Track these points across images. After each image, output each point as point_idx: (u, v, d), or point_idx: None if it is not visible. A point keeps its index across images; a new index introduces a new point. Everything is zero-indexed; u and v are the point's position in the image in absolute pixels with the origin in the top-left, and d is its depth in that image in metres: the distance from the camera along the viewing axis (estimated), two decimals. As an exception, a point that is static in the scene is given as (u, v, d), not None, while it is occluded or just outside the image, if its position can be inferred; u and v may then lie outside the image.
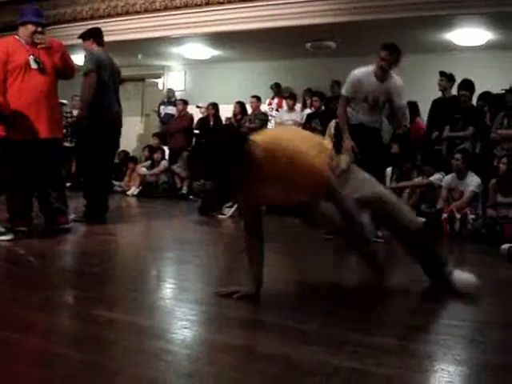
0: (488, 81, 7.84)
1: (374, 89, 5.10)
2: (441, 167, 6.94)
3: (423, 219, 6.20)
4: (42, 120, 4.63)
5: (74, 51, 10.21)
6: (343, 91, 5.28)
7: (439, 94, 7.99)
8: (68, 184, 5.76)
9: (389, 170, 7.59)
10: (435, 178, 6.83)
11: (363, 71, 5.21)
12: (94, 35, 5.94)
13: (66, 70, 4.84)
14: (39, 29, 4.69)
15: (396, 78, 5.21)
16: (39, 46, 4.63)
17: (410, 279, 3.57)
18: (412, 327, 2.40)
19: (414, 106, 8.14)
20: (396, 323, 2.45)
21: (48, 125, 4.66)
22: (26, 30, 4.68)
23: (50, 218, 4.87)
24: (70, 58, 4.96)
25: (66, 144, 7.50)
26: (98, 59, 5.64)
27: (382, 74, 5.06)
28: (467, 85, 7.37)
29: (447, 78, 7.77)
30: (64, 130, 6.31)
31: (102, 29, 6.41)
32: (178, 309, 2.64)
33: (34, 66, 4.60)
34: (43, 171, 4.75)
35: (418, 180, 7.26)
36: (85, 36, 5.97)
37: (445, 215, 6.05)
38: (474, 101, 7.62)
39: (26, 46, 4.64)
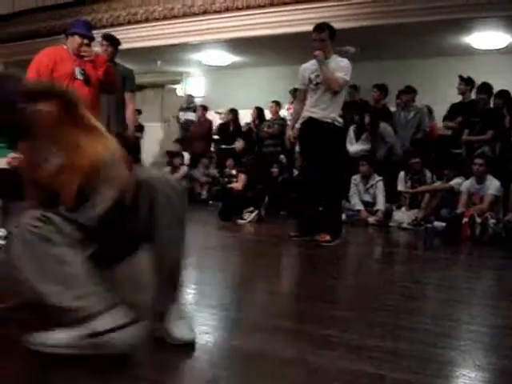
0: (508, 84, 7.78)
1: None
2: (460, 171, 6.91)
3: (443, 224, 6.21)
4: None
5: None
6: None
7: (458, 98, 7.97)
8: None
9: (402, 173, 7.58)
10: (455, 182, 6.79)
11: None
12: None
13: (107, 85, 4.90)
14: (85, 41, 4.75)
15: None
16: (85, 59, 4.70)
17: (426, 282, 3.57)
18: (431, 332, 2.39)
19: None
20: (414, 328, 2.45)
21: None
22: (73, 41, 4.73)
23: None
24: (114, 74, 5.02)
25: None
26: None
27: None
28: (486, 88, 7.35)
29: (466, 81, 7.74)
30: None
31: (122, 36, 6.49)
32: (199, 314, 2.66)
33: (79, 76, 4.65)
34: None
35: (437, 184, 7.23)
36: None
37: (465, 220, 6.01)
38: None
39: (73, 57, 4.69)
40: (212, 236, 5.95)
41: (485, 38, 8.74)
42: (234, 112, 10.33)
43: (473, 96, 7.72)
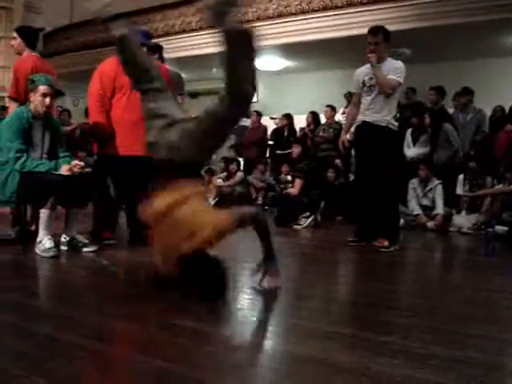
0: None
1: None
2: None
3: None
4: (141, 137, 4.78)
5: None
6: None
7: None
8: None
9: (461, 176, 7.41)
10: (517, 185, 6.61)
11: None
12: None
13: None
14: (144, 49, 4.85)
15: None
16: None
17: (490, 288, 3.48)
18: (496, 340, 2.32)
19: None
20: (479, 335, 2.38)
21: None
22: None
23: (136, 231, 5.01)
24: (173, 83, 5.14)
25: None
26: None
27: None
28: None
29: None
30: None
31: (177, 44, 6.59)
32: (256, 319, 2.66)
33: None
34: (136, 186, 4.91)
35: (499, 187, 7.05)
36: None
37: (528, 224, 5.84)
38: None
39: None
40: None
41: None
42: (288, 117, 10.32)
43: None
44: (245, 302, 3.06)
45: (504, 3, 7.86)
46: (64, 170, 4.31)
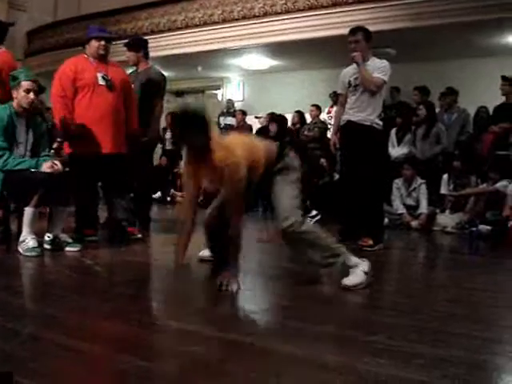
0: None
1: None
2: (507, 173, 6.75)
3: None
4: (108, 135, 4.79)
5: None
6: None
7: (498, 98, 7.82)
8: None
9: (445, 176, 7.45)
10: (501, 184, 6.65)
11: None
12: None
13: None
14: (102, 42, 4.85)
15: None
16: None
17: (473, 287, 3.50)
18: (479, 338, 2.34)
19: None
20: (462, 334, 2.40)
21: (113, 140, 4.82)
22: (91, 47, 4.87)
23: (116, 229, 5.02)
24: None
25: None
26: None
27: None
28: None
29: (510, 82, 7.57)
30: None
31: (163, 43, 6.56)
32: (242, 318, 2.66)
33: (101, 82, 4.78)
34: (109, 184, 4.94)
35: (483, 187, 7.09)
36: None
37: (511, 223, 5.88)
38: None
39: (94, 64, 4.83)
40: (253, 245, 5.92)
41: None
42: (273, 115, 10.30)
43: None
44: (230, 301, 3.05)
45: (486, 4, 7.92)
46: (45, 167, 4.28)
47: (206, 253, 4.00)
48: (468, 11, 8.04)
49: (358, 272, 3.36)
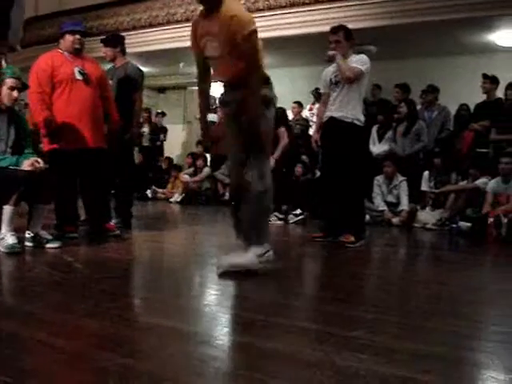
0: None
1: None
2: (487, 171, 6.82)
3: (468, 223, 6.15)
4: (87, 130, 4.75)
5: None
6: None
7: (479, 96, 7.89)
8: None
9: (426, 173, 7.51)
10: (481, 181, 6.71)
11: None
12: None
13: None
14: (77, 36, 4.81)
15: None
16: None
17: (453, 283, 3.54)
18: (459, 334, 2.36)
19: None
20: (442, 330, 2.42)
21: (93, 135, 4.79)
22: (65, 42, 4.82)
23: (96, 225, 4.99)
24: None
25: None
26: None
27: None
28: (512, 86, 7.24)
29: (491, 80, 7.64)
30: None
31: (144, 39, 6.52)
32: (222, 315, 2.66)
33: (78, 77, 4.74)
34: (88, 180, 4.90)
35: (463, 184, 7.16)
36: None
37: (491, 220, 5.94)
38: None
39: (70, 59, 4.78)
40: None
41: (509, 35, 8.63)
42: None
43: (498, 95, 7.62)
44: (211, 298, 3.05)
45: (466, 2, 7.98)
46: (26, 165, 4.24)
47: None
48: (449, 9, 8.09)
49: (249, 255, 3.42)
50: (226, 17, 3.17)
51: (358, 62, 5.04)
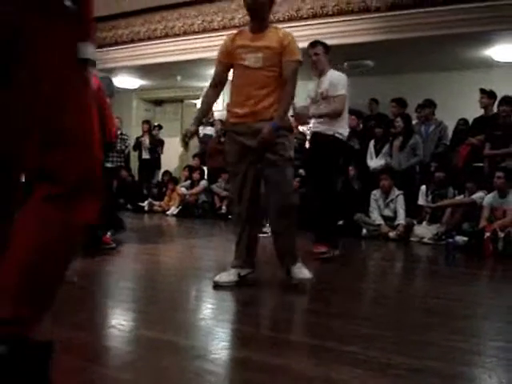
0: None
1: None
2: (483, 185, 6.82)
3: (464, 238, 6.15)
4: None
5: (115, 74, 10.37)
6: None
7: (476, 111, 7.92)
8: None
9: (423, 187, 7.51)
10: (477, 196, 6.71)
11: None
12: None
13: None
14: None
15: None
16: None
17: (449, 298, 3.53)
18: (455, 349, 2.35)
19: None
20: (439, 344, 2.41)
21: None
22: None
23: (92, 238, 4.97)
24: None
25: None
26: None
27: None
28: (508, 101, 7.25)
29: (488, 95, 7.66)
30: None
31: (142, 52, 6.52)
32: (219, 329, 2.65)
33: None
34: None
35: (459, 198, 7.16)
36: None
37: (487, 234, 5.93)
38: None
39: None
40: (232, 251, 5.90)
41: (506, 50, 8.66)
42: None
43: (495, 109, 7.64)
44: (207, 312, 3.04)
45: (463, 18, 8.01)
46: None
47: (223, 277, 3.58)
48: (446, 24, 8.12)
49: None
50: (280, 36, 3.57)
51: (336, 87, 5.10)
